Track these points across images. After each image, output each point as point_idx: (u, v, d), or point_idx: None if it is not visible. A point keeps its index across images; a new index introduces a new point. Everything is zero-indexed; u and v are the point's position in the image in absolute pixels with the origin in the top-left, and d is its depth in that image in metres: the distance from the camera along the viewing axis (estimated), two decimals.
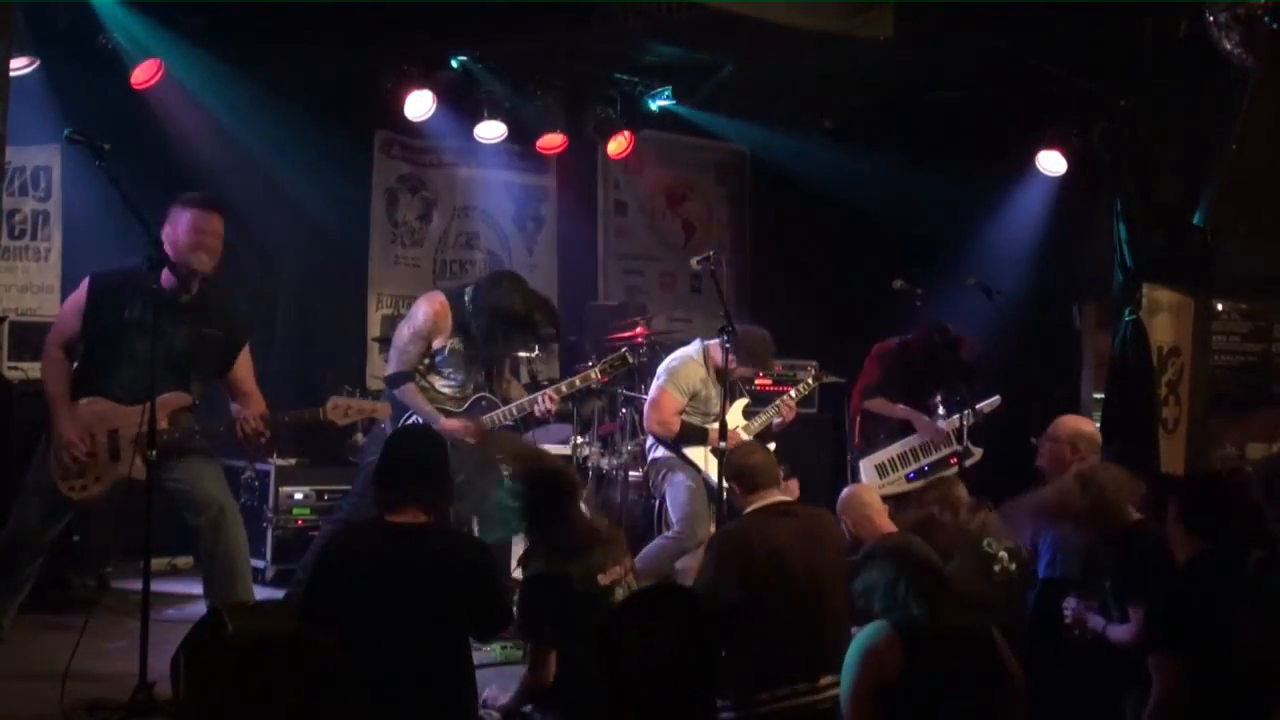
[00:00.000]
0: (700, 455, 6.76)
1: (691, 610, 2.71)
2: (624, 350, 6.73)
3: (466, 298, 6.25)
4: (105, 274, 5.29)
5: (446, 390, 6.28)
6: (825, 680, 4.57)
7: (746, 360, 6.77)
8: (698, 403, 6.84)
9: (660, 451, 6.91)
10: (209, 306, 5.40)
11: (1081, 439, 5.70)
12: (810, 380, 7.49)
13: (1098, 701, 4.73)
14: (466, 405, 6.28)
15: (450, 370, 6.26)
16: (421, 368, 6.24)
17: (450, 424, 6.10)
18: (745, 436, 6.91)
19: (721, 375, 6.60)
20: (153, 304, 4.99)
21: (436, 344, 6.21)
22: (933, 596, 3.75)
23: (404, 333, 6.29)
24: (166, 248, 5.08)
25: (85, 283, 5.30)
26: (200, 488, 5.35)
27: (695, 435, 6.77)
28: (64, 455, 5.15)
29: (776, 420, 7.02)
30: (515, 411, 6.30)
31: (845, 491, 5.64)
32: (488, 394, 6.34)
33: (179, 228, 5.25)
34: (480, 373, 6.34)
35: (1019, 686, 3.84)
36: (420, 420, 6.12)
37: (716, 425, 6.60)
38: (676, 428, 6.77)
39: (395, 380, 6.23)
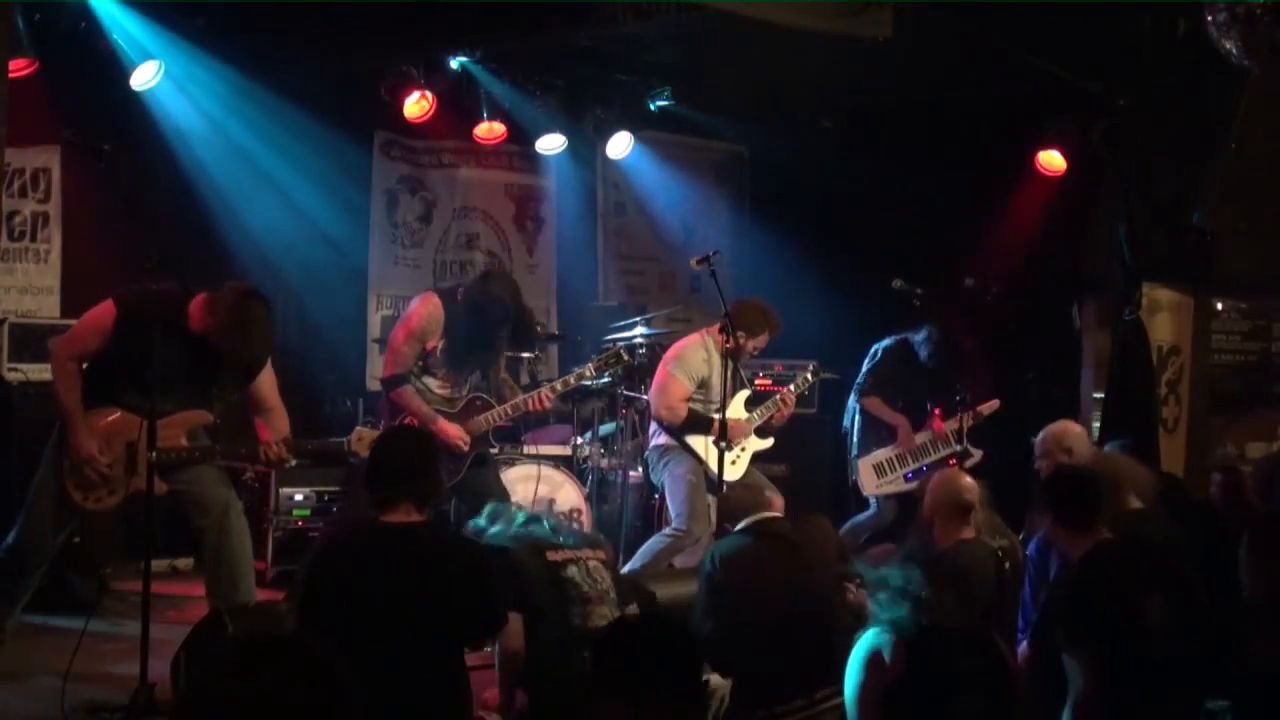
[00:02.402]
0: (702, 444, 6.77)
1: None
2: (619, 347, 6.75)
3: (459, 296, 6.26)
4: (131, 297, 5.18)
5: (442, 391, 6.28)
6: (821, 694, 4.56)
7: (755, 327, 6.80)
8: (704, 390, 6.85)
9: (662, 439, 6.91)
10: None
11: (1069, 438, 5.70)
12: (809, 376, 7.49)
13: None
14: (462, 406, 6.29)
15: (445, 371, 6.27)
16: (416, 369, 6.24)
17: (446, 427, 6.11)
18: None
19: (729, 356, 6.56)
20: (176, 328, 5.04)
21: (430, 344, 6.21)
22: (946, 603, 3.75)
23: (399, 334, 6.29)
24: (200, 325, 5.15)
25: (111, 305, 5.21)
26: (206, 489, 5.36)
27: (700, 424, 6.77)
28: (86, 470, 5.15)
29: (774, 415, 7.03)
30: (510, 411, 6.31)
31: (967, 481, 5.18)
32: (483, 394, 6.35)
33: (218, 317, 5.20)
34: (474, 373, 6.35)
35: (1019, 687, 3.85)
36: (414, 420, 6.13)
37: (732, 416, 6.61)
38: (684, 414, 6.78)
39: (392, 383, 6.23)
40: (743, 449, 6.91)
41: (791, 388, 7.18)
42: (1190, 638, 3.81)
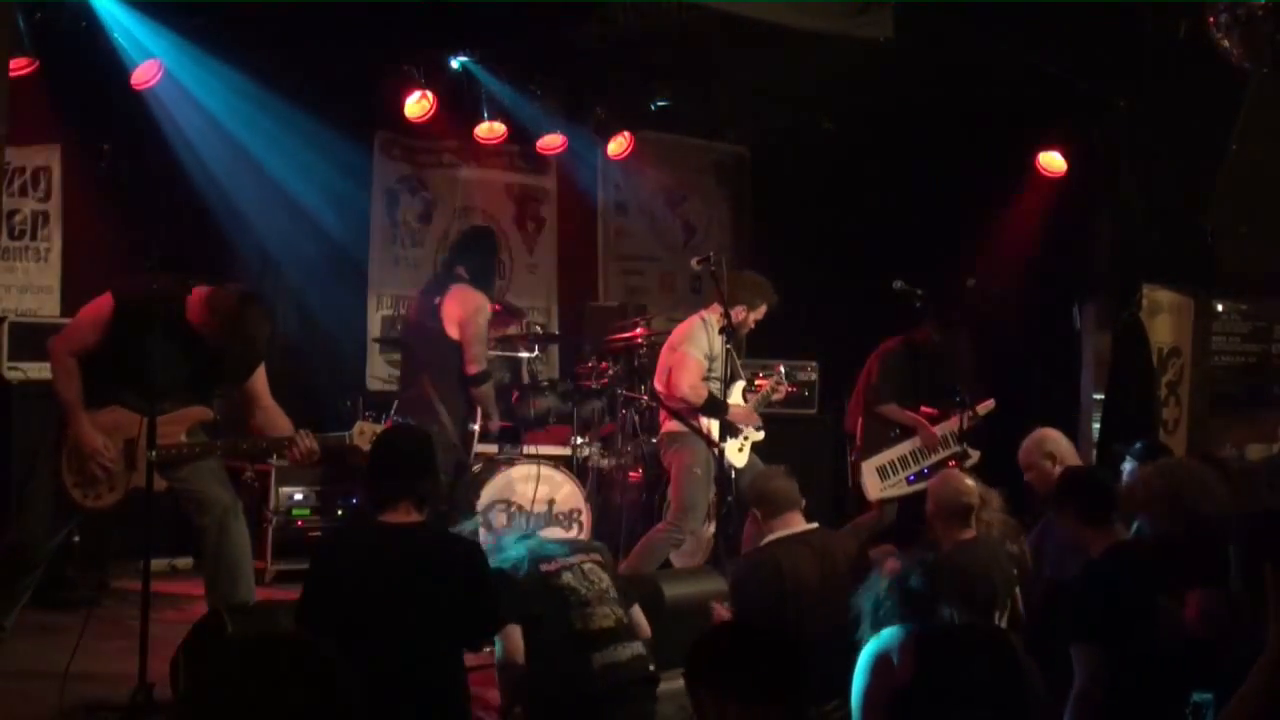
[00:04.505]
0: (711, 426, 6.79)
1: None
2: None
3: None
4: (129, 290, 5.14)
5: None
6: (829, 707, 4.55)
7: (754, 299, 6.87)
8: (713, 367, 6.89)
9: (672, 424, 6.92)
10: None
11: (1049, 443, 5.72)
12: (781, 378, 7.48)
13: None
14: None
15: None
16: None
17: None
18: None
19: (731, 331, 6.61)
20: (175, 323, 5.03)
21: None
22: (951, 605, 3.74)
23: (479, 331, 6.58)
24: (198, 320, 5.12)
25: (108, 298, 5.17)
26: (206, 488, 5.33)
27: (717, 408, 6.77)
28: (91, 465, 5.12)
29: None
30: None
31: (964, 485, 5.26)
32: None
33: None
34: None
35: (1038, 691, 3.82)
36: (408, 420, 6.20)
37: (732, 403, 6.71)
38: (705, 394, 6.79)
39: (483, 378, 6.58)
40: (746, 437, 6.96)
41: (768, 390, 7.23)
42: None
